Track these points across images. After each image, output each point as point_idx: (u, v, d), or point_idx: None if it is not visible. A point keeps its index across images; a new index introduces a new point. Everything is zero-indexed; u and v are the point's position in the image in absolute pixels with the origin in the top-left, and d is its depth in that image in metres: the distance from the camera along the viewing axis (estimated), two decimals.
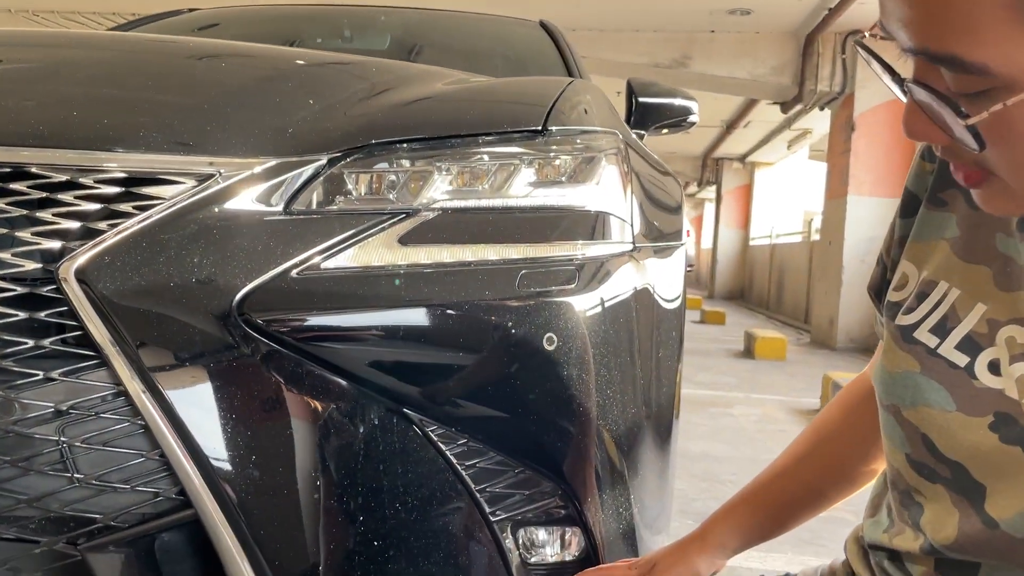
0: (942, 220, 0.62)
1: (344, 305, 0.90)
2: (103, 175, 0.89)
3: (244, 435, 0.84)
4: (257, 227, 0.91)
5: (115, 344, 0.81)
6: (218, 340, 0.84)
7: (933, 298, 0.60)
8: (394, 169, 1.02)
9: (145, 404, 0.81)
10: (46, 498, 0.82)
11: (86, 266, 0.82)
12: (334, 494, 0.88)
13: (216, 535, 0.82)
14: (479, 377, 0.94)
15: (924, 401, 0.58)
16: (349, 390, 0.89)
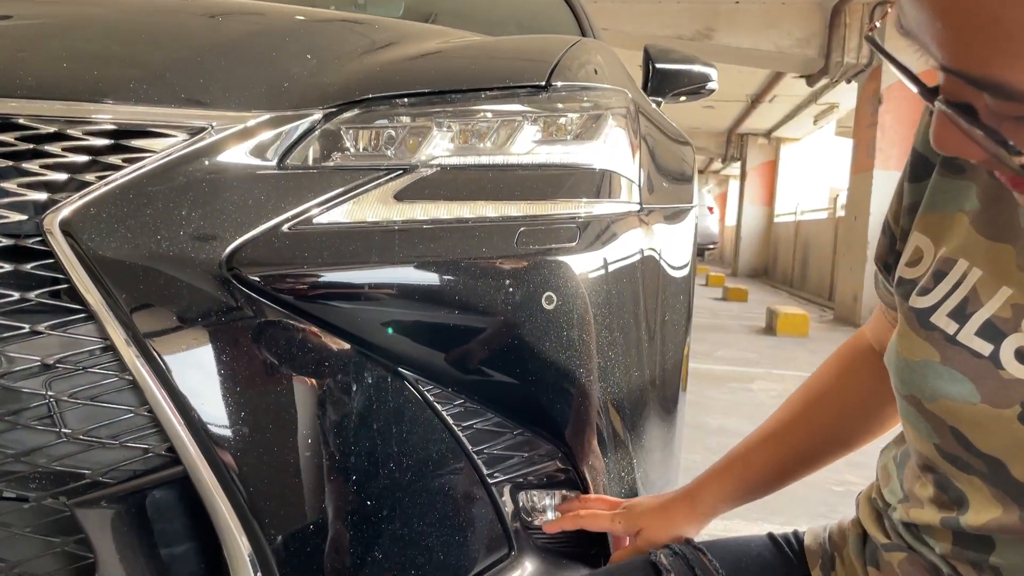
0: (959, 190, 0.57)
1: (336, 261, 0.88)
2: (92, 127, 0.88)
3: (233, 391, 0.83)
4: (249, 181, 0.89)
5: (102, 298, 0.79)
6: (207, 295, 0.82)
7: (952, 279, 0.55)
8: (392, 125, 0.99)
9: (132, 359, 0.79)
10: (34, 453, 0.81)
11: (71, 217, 0.80)
12: (326, 453, 0.87)
13: (205, 492, 0.81)
14: (475, 336, 0.92)
15: (945, 394, 0.53)
16: (342, 348, 0.87)
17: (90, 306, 0.80)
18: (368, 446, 0.88)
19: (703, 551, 0.74)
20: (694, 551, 0.74)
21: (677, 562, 0.72)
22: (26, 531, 0.84)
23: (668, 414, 1.16)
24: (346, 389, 0.87)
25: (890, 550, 0.64)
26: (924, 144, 0.61)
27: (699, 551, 0.74)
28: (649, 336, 1.08)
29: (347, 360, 0.88)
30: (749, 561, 0.73)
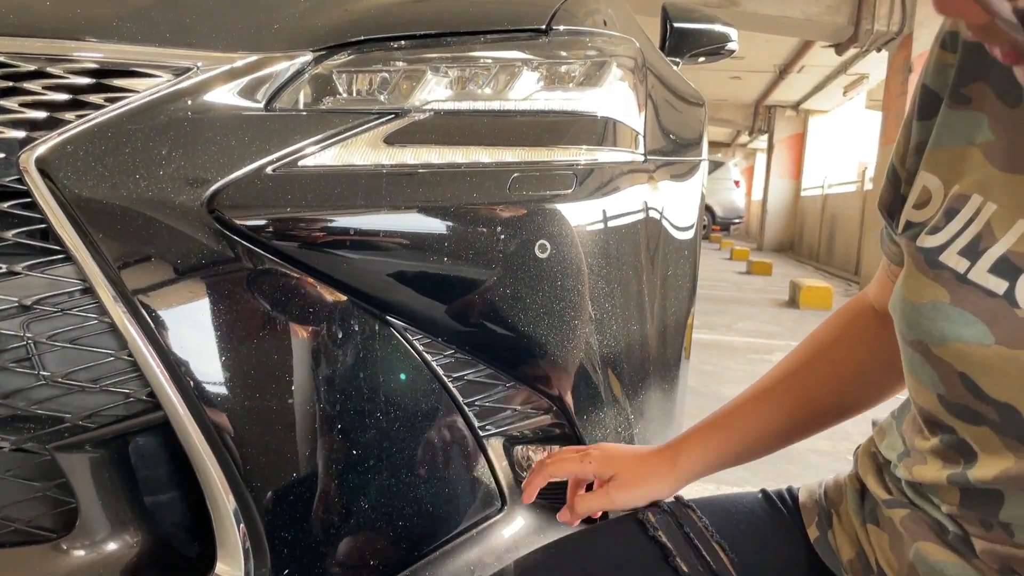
0: (969, 121, 0.53)
1: (322, 205, 0.85)
2: (74, 65, 0.85)
3: (215, 336, 0.81)
4: (234, 122, 0.87)
5: (79, 238, 0.78)
6: (187, 237, 0.80)
7: (964, 215, 0.51)
8: (385, 68, 0.96)
9: (111, 301, 0.78)
10: (13, 396, 0.80)
11: (47, 155, 0.78)
12: (310, 401, 0.85)
13: (186, 438, 0.79)
14: (466, 284, 0.89)
15: (956, 336, 0.49)
16: (326, 294, 0.85)
17: (68, 247, 0.78)
18: (354, 395, 0.86)
19: (692, 508, 0.71)
20: (683, 508, 0.71)
21: (665, 520, 0.69)
22: (7, 475, 0.83)
23: (668, 375, 1.13)
24: (331, 336, 0.85)
25: (892, 506, 0.60)
26: (933, 77, 0.57)
27: (688, 508, 0.71)
28: (649, 292, 1.04)
29: (332, 306, 0.85)
30: (741, 518, 0.70)
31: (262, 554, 0.82)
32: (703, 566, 0.65)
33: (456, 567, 0.92)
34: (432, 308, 0.89)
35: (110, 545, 0.85)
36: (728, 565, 0.65)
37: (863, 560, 0.63)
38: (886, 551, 0.60)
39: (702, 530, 0.68)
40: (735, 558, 0.66)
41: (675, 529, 0.68)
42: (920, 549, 0.55)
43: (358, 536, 0.87)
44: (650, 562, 0.66)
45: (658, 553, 0.66)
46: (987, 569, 0.51)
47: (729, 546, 0.66)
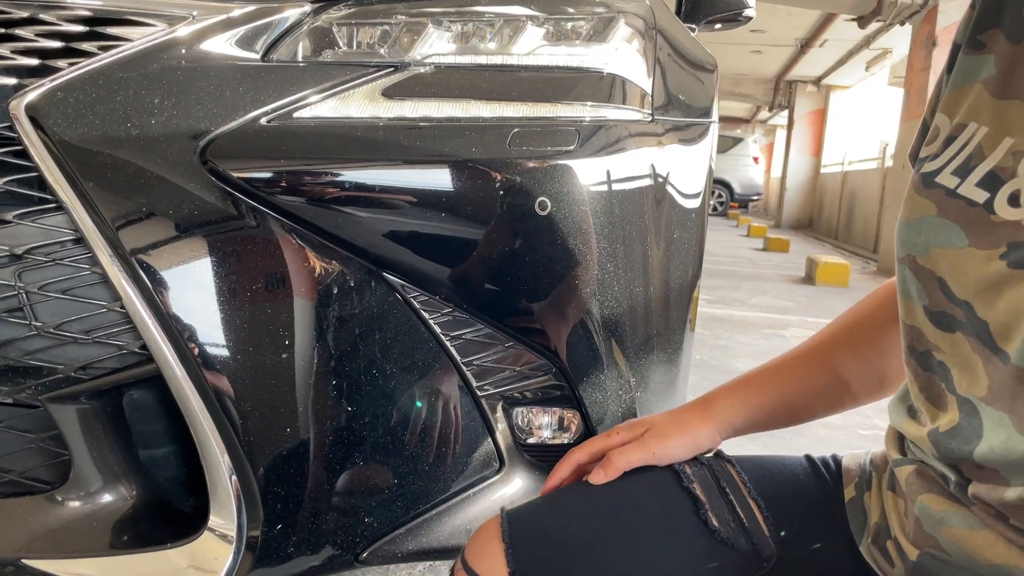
0: (979, 62, 0.56)
1: (316, 157, 0.84)
2: (67, 12, 0.84)
3: (207, 289, 0.80)
4: (229, 72, 0.85)
5: (70, 187, 0.76)
6: (179, 187, 0.79)
7: (960, 141, 0.55)
8: (386, 21, 0.94)
9: (103, 251, 0.77)
10: (6, 347, 0.79)
11: (38, 102, 0.77)
12: (304, 357, 0.83)
13: (179, 391, 0.79)
14: (464, 241, 0.87)
15: (937, 242, 0.53)
16: (322, 249, 0.84)
17: (59, 196, 0.77)
18: (350, 352, 0.85)
19: (732, 463, 0.69)
20: (721, 462, 0.69)
21: (702, 472, 0.68)
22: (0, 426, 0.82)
23: (671, 343, 1.10)
24: (327, 292, 0.84)
25: (899, 465, 0.61)
26: (960, 33, 0.59)
27: (728, 462, 0.69)
28: (653, 256, 1.02)
29: (328, 262, 0.84)
30: (780, 478, 0.68)
31: (255, 508, 0.81)
32: (735, 521, 0.64)
33: (452, 526, 0.91)
34: (429, 265, 0.87)
35: (104, 497, 0.84)
36: (761, 522, 0.64)
37: (883, 524, 0.62)
38: (900, 514, 0.61)
39: (739, 485, 0.67)
40: (770, 516, 0.64)
41: (711, 482, 0.67)
42: (923, 502, 0.56)
43: (352, 493, 0.86)
44: (681, 513, 0.65)
45: (690, 505, 0.65)
46: (983, 515, 0.51)
47: (765, 504, 0.65)
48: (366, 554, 0.87)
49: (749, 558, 0.64)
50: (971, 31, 0.57)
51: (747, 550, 0.64)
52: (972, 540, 0.52)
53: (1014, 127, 0.51)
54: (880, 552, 0.62)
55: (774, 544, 0.65)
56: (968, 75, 0.56)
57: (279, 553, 0.83)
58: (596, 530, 0.65)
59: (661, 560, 0.63)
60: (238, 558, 0.80)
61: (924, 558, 0.55)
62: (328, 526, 0.85)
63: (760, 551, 0.64)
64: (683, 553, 0.63)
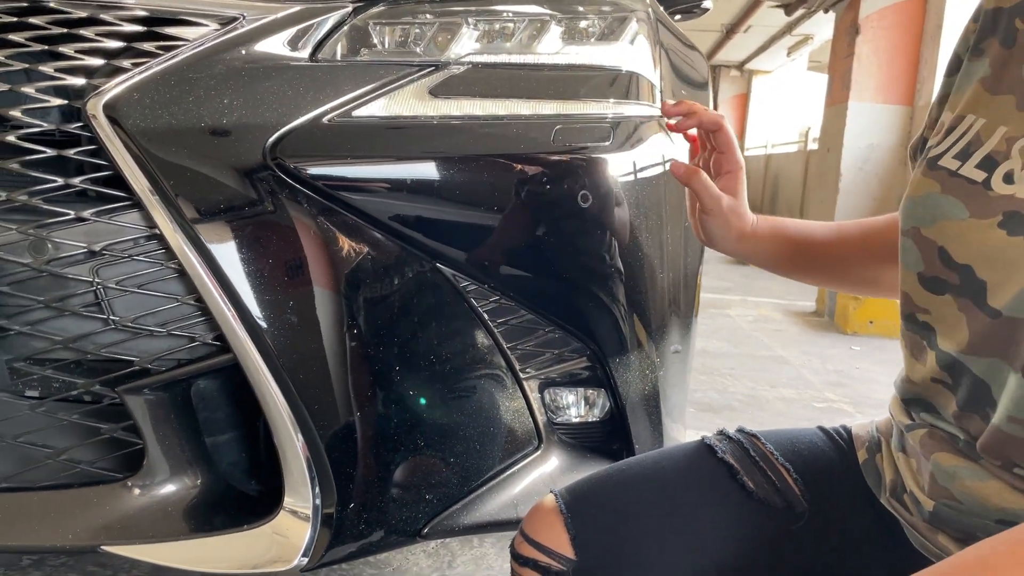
0: (978, 66, 0.64)
1: (376, 153, 0.88)
2: (125, 12, 0.85)
3: (279, 280, 0.83)
4: (285, 72, 0.88)
5: (147, 184, 0.79)
6: (251, 183, 0.82)
7: (960, 129, 0.63)
8: (419, 21, 0.98)
9: (180, 246, 0.79)
10: (82, 340, 0.81)
11: (114, 102, 0.79)
12: (367, 343, 0.88)
13: (256, 380, 0.82)
14: (513, 233, 0.93)
15: (942, 216, 0.61)
16: (382, 241, 0.88)
17: (136, 192, 0.79)
18: (408, 338, 0.90)
19: (757, 436, 0.77)
20: (748, 436, 0.77)
21: (732, 446, 0.76)
22: (74, 418, 0.84)
23: (685, 324, 1.18)
24: (388, 282, 0.88)
25: (911, 430, 0.68)
26: (961, 44, 0.68)
27: (753, 436, 0.77)
28: (671, 243, 1.09)
29: (388, 253, 0.88)
30: (802, 446, 0.76)
31: (329, 487, 0.86)
32: (768, 483, 0.71)
33: (500, 501, 0.97)
34: (480, 255, 0.92)
35: (174, 484, 0.87)
36: (791, 483, 0.72)
37: (899, 482, 0.70)
38: (915, 472, 0.68)
39: (767, 454, 0.74)
40: (798, 478, 0.72)
41: (741, 453, 0.74)
42: (936, 459, 0.63)
43: (413, 472, 0.92)
44: (718, 480, 0.72)
45: (726, 472, 0.72)
46: (991, 467, 0.59)
47: (793, 468, 0.73)
48: (427, 529, 0.92)
49: (784, 514, 0.72)
50: (974, 42, 0.65)
51: (781, 507, 0.72)
52: (982, 490, 0.59)
53: (1007, 117, 0.60)
54: (899, 503, 0.70)
55: (805, 501, 0.73)
56: (969, 79, 0.65)
57: (352, 529, 0.88)
58: (644, 499, 0.72)
59: (706, 522, 0.70)
60: (315, 534, 0.85)
61: (939, 507, 0.64)
62: (393, 503, 0.90)
63: (793, 507, 0.72)
64: (725, 514, 0.71)
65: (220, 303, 0.80)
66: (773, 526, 0.71)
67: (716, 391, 2.71)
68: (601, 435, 1.09)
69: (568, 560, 0.67)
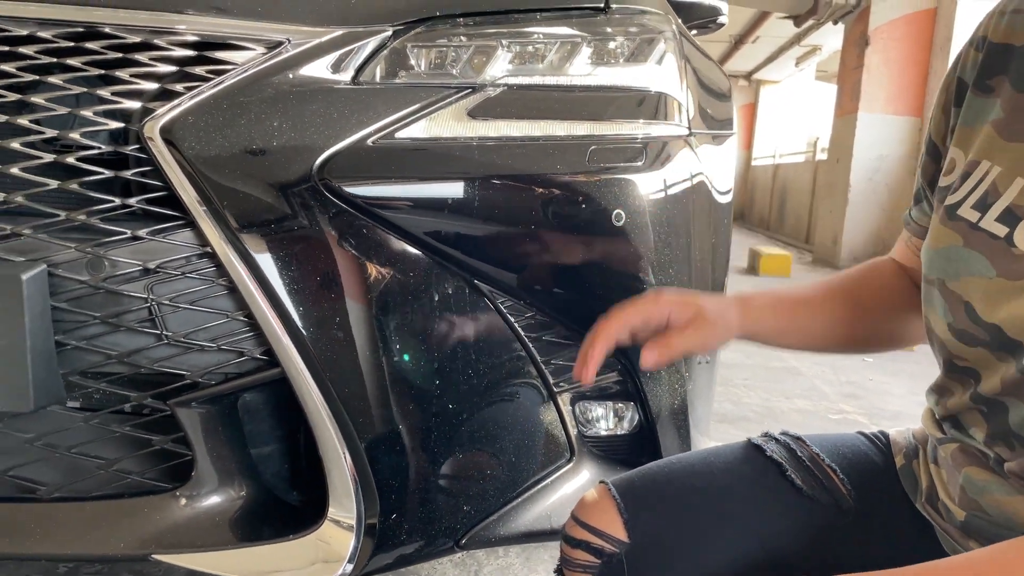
0: (987, 105, 0.65)
1: (418, 174, 0.91)
2: (176, 38, 0.88)
3: (327, 297, 0.86)
4: (329, 95, 0.91)
5: (201, 203, 0.82)
6: (299, 203, 0.85)
7: (975, 177, 0.63)
8: (456, 44, 1.01)
9: (233, 264, 0.82)
10: (136, 355, 0.84)
11: (170, 125, 0.82)
12: (409, 359, 0.90)
13: (304, 393, 0.85)
14: (549, 250, 0.95)
15: (968, 271, 0.61)
16: (422, 258, 0.91)
17: (189, 212, 0.82)
18: (448, 353, 0.92)
19: (802, 439, 0.80)
20: (793, 438, 0.80)
21: (778, 447, 0.78)
22: (126, 430, 0.87)
23: None
24: (427, 298, 0.91)
25: (943, 443, 0.71)
26: (964, 71, 0.69)
27: (799, 439, 0.80)
28: (701, 253, 1.12)
29: (430, 272, 0.91)
30: (845, 449, 0.79)
31: (372, 498, 0.88)
32: (816, 482, 0.74)
33: (535, 512, 0.99)
34: (516, 272, 0.95)
35: (221, 494, 0.90)
36: (839, 484, 0.74)
37: (932, 488, 0.73)
38: (945, 483, 0.70)
39: (814, 455, 0.77)
40: (844, 478, 0.74)
41: (787, 454, 0.77)
42: (968, 473, 0.66)
43: (453, 483, 0.94)
44: (768, 476, 0.74)
45: (775, 469, 0.75)
46: (1019, 485, 0.61)
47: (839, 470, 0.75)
48: (465, 539, 0.94)
49: (831, 511, 0.74)
50: (979, 74, 0.66)
51: (829, 504, 0.74)
52: (1011, 504, 0.61)
53: None
54: (933, 509, 0.72)
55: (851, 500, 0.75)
56: (977, 115, 0.65)
57: (394, 539, 0.90)
58: (695, 489, 0.74)
59: (756, 512, 0.73)
60: (359, 544, 0.87)
61: (970, 518, 0.66)
62: (434, 514, 0.93)
63: (840, 505, 0.74)
64: (774, 506, 0.74)
65: (269, 318, 0.83)
66: (820, 521, 0.73)
67: (731, 402, 2.73)
68: (630, 448, 1.11)
69: (621, 543, 0.70)
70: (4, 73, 0.84)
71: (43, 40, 0.86)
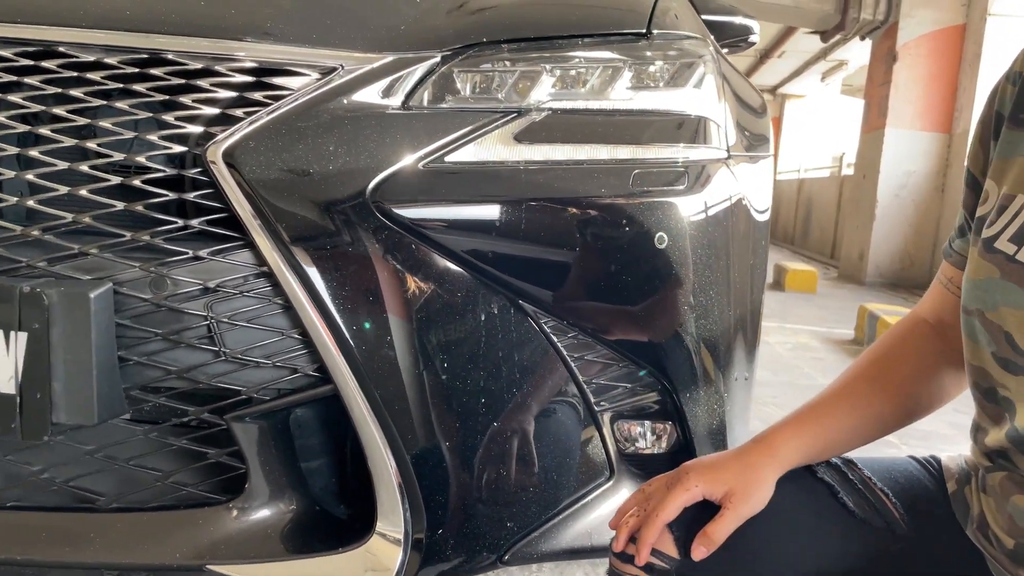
0: (1022, 139, 0.66)
1: (467, 197, 0.93)
2: (235, 64, 0.92)
3: (379, 317, 0.88)
4: (381, 120, 0.94)
5: (260, 225, 0.85)
6: (354, 225, 0.87)
7: (1012, 210, 0.64)
8: (501, 69, 1.03)
9: (289, 283, 0.85)
10: (194, 370, 0.87)
11: (232, 149, 0.85)
12: (454, 374, 0.92)
13: (355, 410, 0.87)
14: (593, 272, 0.97)
15: (1004, 302, 0.63)
16: (470, 279, 0.93)
17: (248, 232, 0.85)
18: (494, 372, 0.94)
19: (854, 463, 0.80)
20: (845, 461, 0.80)
21: (831, 470, 0.79)
22: (182, 443, 0.90)
23: (749, 358, 1.22)
24: (474, 317, 0.93)
25: (991, 472, 0.72)
26: (1001, 105, 0.71)
27: (851, 463, 0.80)
28: (740, 275, 1.13)
29: (478, 292, 0.93)
30: (897, 474, 0.80)
31: (419, 515, 0.90)
32: (868, 506, 0.75)
33: (576, 529, 1.01)
34: (560, 293, 0.97)
35: (271, 507, 0.92)
36: (891, 507, 0.75)
37: (983, 518, 0.73)
38: (993, 511, 0.71)
39: (866, 479, 0.78)
40: (897, 503, 0.75)
41: (844, 482, 0.78)
42: (1015, 502, 0.67)
43: (497, 499, 0.96)
44: (819, 498, 0.75)
45: (826, 491, 0.76)
46: None
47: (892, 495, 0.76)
48: (508, 556, 0.96)
49: (884, 535, 0.75)
50: (1014, 108, 0.68)
51: (882, 527, 0.75)
52: None
53: None
54: (983, 536, 0.73)
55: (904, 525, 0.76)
56: (1013, 149, 0.67)
57: (439, 554, 0.92)
58: None
59: (809, 533, 0.74)
60: (406, 558, 0.89)
61: (1019, 546, 0.67)
62: (478, 529, 0.95)
63: (894, 529, 0.75)
64: (826, 530, 0.75)
65: (323, 336, 0.86)
66: (874, 545, 0.74)
67: (760, 420, 2.73)
68: (669, 465, 1.11)
69: (671, 559, 0.71)
70: (73, 98, 0.88)
71: (109, 66, 0.90)
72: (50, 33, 0.90)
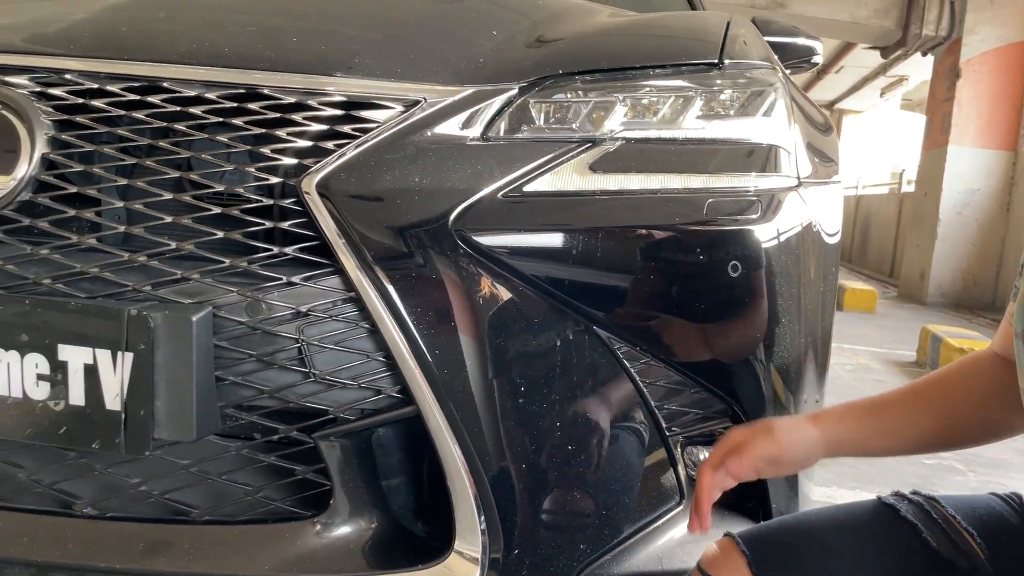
0: None
1: (544, 226, 0.96)
2: (325, 98, 0.96)
3: (457, 340, 0.91)
4: (462, 151, 0.97)
5: (350, 252, 0.88)
6: (437, 252, 0.91)
7: None
8: (576, 99, 1.06)
9: (376, 307, 0.88)
10: (285, 390, 0.91)
11: (325, 180, 0.89)
12: (531, 398, 0.95)
13: (434, 429, 0.90)
14: (667, 300, 0.99)
15: None
16: (547, 305, 0.95)
17: (339, 259, 0.89)
18: (568, 396, 0.97)
19: (937, 500, 0.81)
20: (927, 499, 0.81)
21: (912, 508, 0.79)
22: (272, 459, 0.94)
23: (822, 372, 1.22)
24: (550, 343, 0.96)
25: None
26: None
27: (933, 500, 0.81)
28: (812, 301, 1.14)
29: (550, 316, 0.96)
30: (980, 511, 0.79)
31: (496, 535, 0.93)
32: (952, 546, 0.75)
33: (647, 553, 1.02)
34: (634, 320, 0.99)
35: (353, 524, 0.96)
36: (976, 548, 0.75)
37: None
38: None
39: (948, 517, 0.78)
40: (982, 542, 0.75)
41: (923, 516, 0.78)
42: None
43: (570, 520, 0.98)
44: (901, 538, 0.76)
45: (909, 531, 0.76)
46: None
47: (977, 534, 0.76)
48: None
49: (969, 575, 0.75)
50: None
51: (967, 568, 0.74)
52: None
53: None
54: None
55: (989, 565, 0.75)
56: None
57: (515, 574, 0.94)
58: (826, 549, 0.76)
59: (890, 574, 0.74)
60: None
61: None
62: (552, 550, 0.97)
63: (979, 569, 0.74)
64: (910, 571, 0.74)
65: (407, 358, 0.89)
66: None
67: None
68: (737, 492, 1.12)
69: None
70: (176, 131, 0.93)
71: (208, 101, 0.95)
72: (155, 70, 0.96)
